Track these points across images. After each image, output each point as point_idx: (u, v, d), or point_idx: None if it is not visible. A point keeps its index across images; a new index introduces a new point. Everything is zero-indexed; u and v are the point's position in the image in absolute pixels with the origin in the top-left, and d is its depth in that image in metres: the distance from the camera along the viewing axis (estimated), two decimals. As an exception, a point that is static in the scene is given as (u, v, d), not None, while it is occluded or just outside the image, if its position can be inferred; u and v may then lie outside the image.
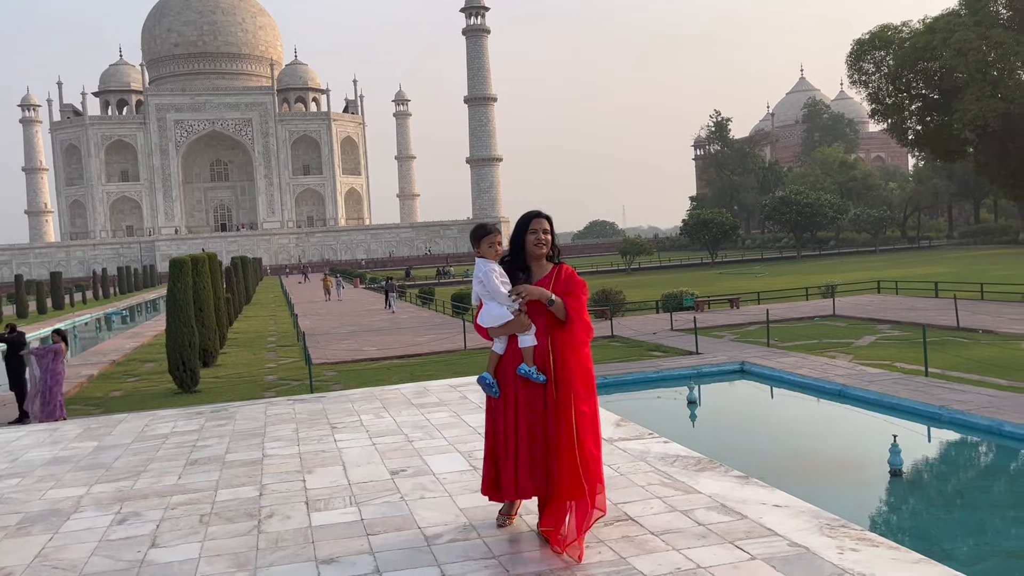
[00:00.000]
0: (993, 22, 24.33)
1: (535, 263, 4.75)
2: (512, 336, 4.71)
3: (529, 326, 4.64)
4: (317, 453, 7.44)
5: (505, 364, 4.74)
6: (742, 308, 27.83)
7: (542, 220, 4.74)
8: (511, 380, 4.68)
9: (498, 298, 4.62)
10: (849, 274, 42.63)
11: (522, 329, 4.66)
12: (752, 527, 4.86)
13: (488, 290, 4.67)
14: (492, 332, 4.75)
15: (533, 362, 4.64)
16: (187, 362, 15.96)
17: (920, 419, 11.41)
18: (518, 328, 4.66)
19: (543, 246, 4.70)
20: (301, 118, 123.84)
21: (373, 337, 25.14)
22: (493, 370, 4.77)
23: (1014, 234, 63.93)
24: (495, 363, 4.78)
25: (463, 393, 10.20)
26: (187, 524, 5.58)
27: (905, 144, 29.26)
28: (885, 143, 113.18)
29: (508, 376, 4.70)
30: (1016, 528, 7.87)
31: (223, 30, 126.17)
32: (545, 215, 4.76)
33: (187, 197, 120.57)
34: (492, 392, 4.75)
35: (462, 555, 4.70)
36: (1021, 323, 19.98)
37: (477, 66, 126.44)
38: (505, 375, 4.72)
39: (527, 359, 4.66)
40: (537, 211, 4.77)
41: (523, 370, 4.63)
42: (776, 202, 75.34)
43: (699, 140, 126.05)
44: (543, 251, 4.71)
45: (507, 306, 4.63)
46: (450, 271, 75.13)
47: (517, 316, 4.64)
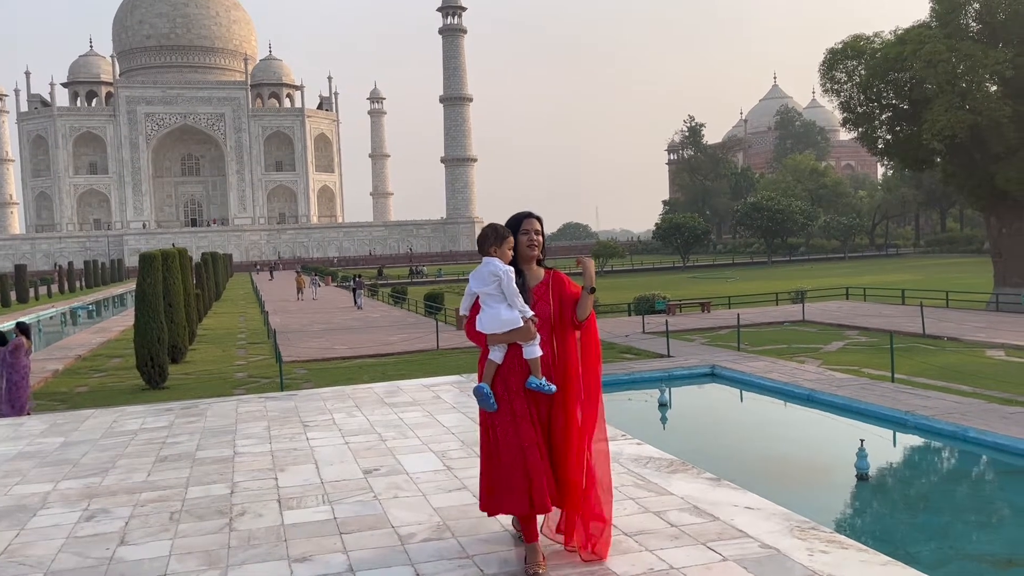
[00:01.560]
0: (963, 34, 24.74)
1: (527, 266, 4.49)
2: (512, 345, 4.37)
3: (536, 335, 4.33)
4: (289, 451, 7.38)
5: (505, 374, 4.38)
6: (713, 312, 28.06)
7: (533, 220, 4.52)
8: (512, 389, 4.34)
9: (514, 301, 4.28)
10: (819, 280, 43.18)
11: (528, 338, 4.33)
12: (724, 529, 4.91)
13: (505, 291, 4.28)
14: (492, 340, 4.38)
15: (541, 373, 4.34)
16: (156, 358, 15.76)
17: (887, 424, 11.58)
18: (524, 336, 4.32)
19: (535, 247, 4.47)
20: (274, 114, 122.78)
21: (344, 336, 25.00)
22: (491, 381, 4.40)
23: (979, 243, 65.18)
24: (493, 373, 4.41)
25: (436, 393, 10.18)
26: (157, 521, 5.51)
27: (875, 153, 29.57)
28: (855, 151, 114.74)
29: (509, 385, 4.35)
30: (979, 532, 8.02)
31: (196, 23, 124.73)
32: (536, 215, 4.54)
33: (157, 191, 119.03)
34: (489, 405, 4.36)
35: (436, 555, 4.69)
36: (985, 331, 20.36)
37: (453, 66, 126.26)
38: (506, 384, 4.36)
39: (535, 370, 4.34)
40: (528, 211, 4.55)
41: (533, 383, 4.32)
42: (748, 208, 76.11)
43: (673, 145, 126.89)
44: (535, 253, 4.48)
45: (522, 312, 4.29)
46: (423, 270, 74.93)
47: (527, 323, 4.30)
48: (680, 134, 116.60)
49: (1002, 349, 17.68)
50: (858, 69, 26.49)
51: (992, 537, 7.87)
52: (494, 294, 4.29)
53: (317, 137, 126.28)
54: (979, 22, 25.20)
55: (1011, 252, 26.28)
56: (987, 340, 18.79)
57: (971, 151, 25.44)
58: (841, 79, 26.89)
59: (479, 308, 4.42)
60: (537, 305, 4.40)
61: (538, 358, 4.32)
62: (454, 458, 6.88)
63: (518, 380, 4.35)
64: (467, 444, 7.36)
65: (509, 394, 4.34)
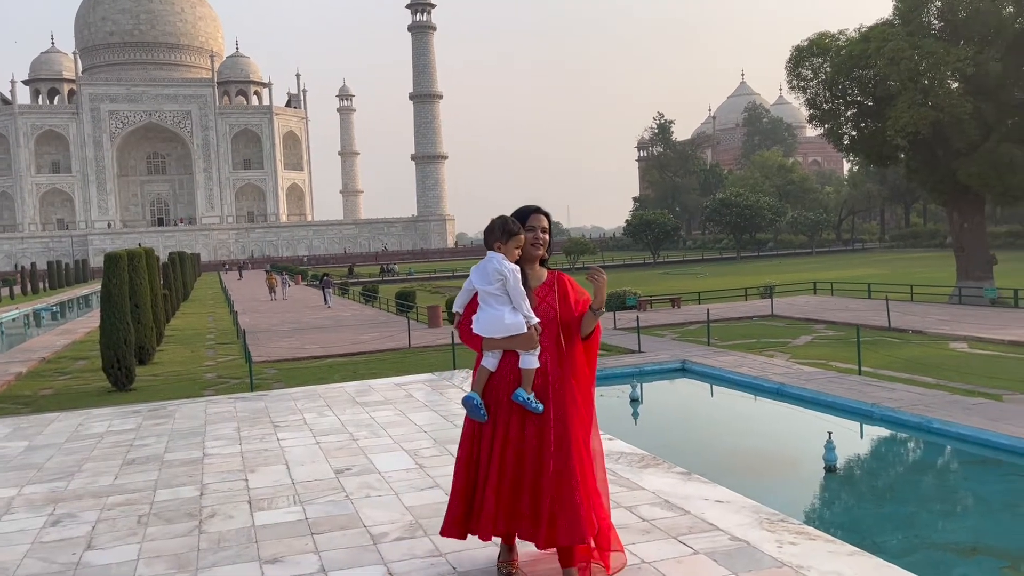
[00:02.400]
0: (925, 32, 25.14)
1: (530, 265, 4.10)
2: (508, 352, 4.02)
3: (537, 344, 3.96)
4: (260, 452, 7.33)
5: (497, 383, 4.03)
6: (683, 308, 28.27)
7: (540, 217, 4.11)
8: (504, 403, 3.99)
9: (519, 305, 3.92)
10: (787, 275, 43.68)
11: (530, 346, 3.95)
12: (695, 522, 4.96)
13: (511, 293, 3.92)
14: (489, 344, 4.01)
15: (531, 388, 3.96)
16: (122, 360, 15.54)
17: (854, 416, 11.76)
18: (525, 344, 3.95)
19: (541, 247, 4.09)
20: (242, 111, 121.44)
21: (315, 335, 24.83)
22: (482, 389, 4.05)
23: (942, 238, 66.35)
24: (484, 381, 4.06)
25: (408, 391, 10.16)
26: (124, 525, 5.45)
27: (841, 149, 29.95)
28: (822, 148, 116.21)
29: (501, 398, 4.00)
30: (943, 521, 8.18)
31: (161, 19, 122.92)
32: (544, 211, 4.14)
33: (122, 190, 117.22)
34: (479, 416, 4.02)
35: (408, 553, 4.69)
36: (949, 324, 20.73)
37: (423, 63, 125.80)
38: (497, 397, 4.02)
39: (526, 383, 3.96)
40: (536, 206, 4.14)
41: (520, 397, 3.94)
42: (717, 204, 76.73)
43: (642, 142, 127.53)
44: (540, 252, 4.10)
45: (527, 317, 3.93)
46: (394, 269, 74.64)
47: (530, 330, 3.94)
48: (650, 131, 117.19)
49: (965, 341, 18.02)
50: (824, 66, 26.81)
51: (956, 526, 8.03)
52: (497, 294, 3.92)
53: (286, 135, 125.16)
54: (941, 20, 25.62)
55: (972, 246, 26.78)
56: (950, 333, 19.14)
57: (934, 147, 25.87)
58: (807, 76, 27.19)
59: (475, 307, 4.05)
60: (539, 308, 4.03)
61: (533, 370, 3.96)
62: (426, 456, 6.87)
63: (511, 391, 3.99)
64: (439, 442, 7.36)
65: (499, 407, 4.00)
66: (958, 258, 27.40)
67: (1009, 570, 6.85)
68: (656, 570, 4.27)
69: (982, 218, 27.65)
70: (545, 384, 3.99)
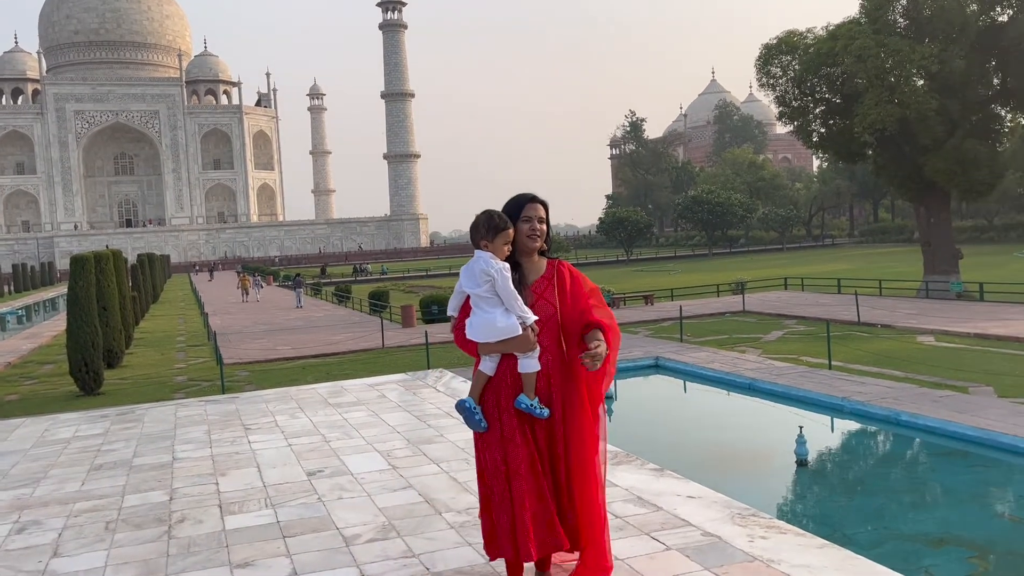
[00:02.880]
0: (891, 30, 25.48)
1: (526, 259, 3.83)
2: (506, 355, 3.76)
3: (535, 346, 3.70)
4: (230, 455, 7.26)
5: (497, 387, 3.77)
6: (656, 304, 28.43)
7: (537, 206, 3.81)
8: (508, 408, 3.74)
9: (512, 306, 3.65)
10: (758, 271, 44.08)
11: (527, 348, 3.70)
12: (667, 518, 4.99)
13: (501, 294, 3.65)
14: (485, 348, 3.75)
15: (534, 392, 3.72)
16: (90, 363, 15.30)
17: (824, 410, 11.88)
18: (522, 347, 3.69)
19: (538, 238, 3.79)
20: (211, 111, 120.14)
21: (287, 336, 24.64)
22: (479, 395, 3.79)
23: (909, 233, 67.36)
24: (482, 386, 3.79)
25: (381, 392, 10.12)
26: (92, 532, 5.37)
27: (810, 146, 30.28)
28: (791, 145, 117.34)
29: (503, 403, 3.75)
30: (912, 512, 8.29)
31: (127, 18, 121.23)
32: (540, 199, 3.85)
33: (89, 191, 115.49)
34: (478, 425, 3.76)
35: (381, 554, 4.67)
36: (916, 317, 21.04)
37: (394, 61, 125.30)
38: (498, 401, 3.77)
39: (527, 388, 3.72)
40: (531, 194, 3.85)
41: (523, 403, 3.70)
42: (688, 201, 77.26)
43: (615, 140, 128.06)
44: (537, 244, 3.80)
45: (521, 317, 3.67)
46: (367, 268, 74.29)
47: (526, 331, 3.67)
48: (622, 129, 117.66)
49: (932, 335, 18.29)
50: (792, 64, 27.09)
51: (925, 517, 8.14)
52: (488, 296, 3.66)
53: (256, 134, 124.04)
54: (906, 18, 25.98)
55: (939, 241, 27.20)
56: (918, 326, 19.41)
57: (900, 144, 26.23)
58: (776, 74, 27.45)
59: (469, 310, 3.80)
60: (536, 304, 3.77)
61: (534, 374, 3.71)
62: (399, 457, 6.85)
63: (511, 396, 3.75)
64: (412, 443, 7.33)
65: (499, 411, 3.74)
66: (925, 253, 27.81)
67: (976, 560, 6.96)
68: (629, 567, 4.28)
69: (948, 213, 28.09)
70: (548, 387, 3.76)
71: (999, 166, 26.07)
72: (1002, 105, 26.57)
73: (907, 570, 4.40)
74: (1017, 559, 6.98)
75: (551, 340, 3.77)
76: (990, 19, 25.31)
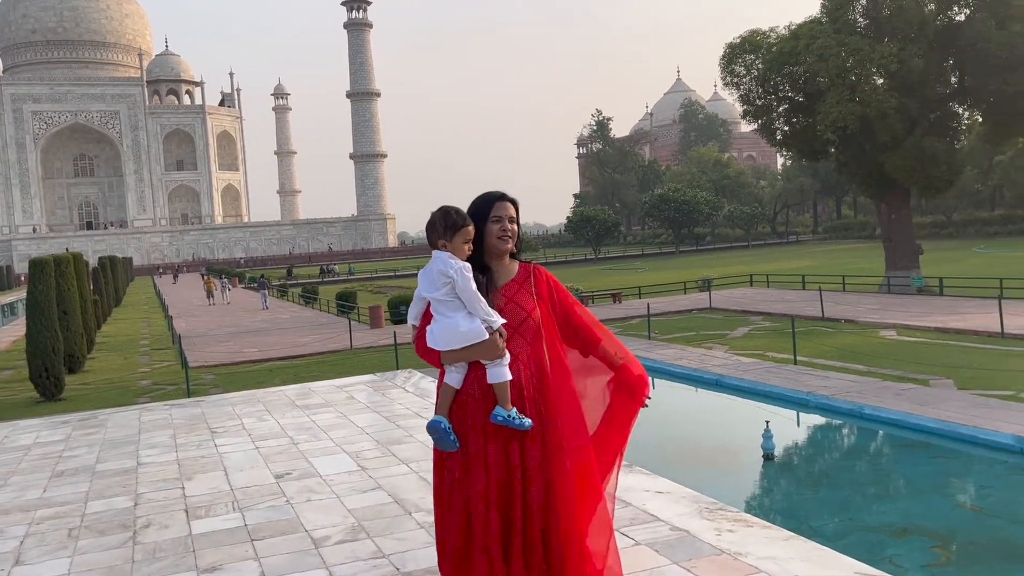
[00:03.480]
0: (851, 30, 25.88)
1: (497, 261, 3.52)
2: (473, 364, 3.39)
3: (503, 352, 3.34)
4: (196, 459, 7.17)
5: (465, 401, 3.40)
6: (625, 302, 28.59)
7: (507, 204, 3.52)
8: (477, 425, 3.36)
9: (475, 308, 3.30)
10: (724, 268, 44.53)
11: (494, 355, 3.32)
12: (636, 514, 5.02)
13: (462, 296, 3.30)
14: (448, 358, 3.38)
15: (510, 403, 3.34)
16: (50, 368, 15.01)
17: (790, 405, 12.04)
18: (488, 353, 3.32)
19: (509, 239, 3.49)
20: (173, 111, 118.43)
21: (254, 338, 24.39)
22: (447, 411, 3.41)
23: (871, 229, 68.46)
24: (450, 401, 3.42)
25: (350, 393, 10.06)
26: (55, 539, 5.27)
27: (774, 144, 30.67)
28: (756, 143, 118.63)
29: (470, 419, 3.37)
30: (876, 504, 8.43)
31: (85, 17, 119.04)
32: (510, 198, 3.56)
33: (48, 193, 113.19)
34: (449, 443, 3.37)
35: (351, 556, 4.64)
36: (879, 312, 21.39)
37: (359, 61, 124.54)
38: (464, 417, 3.38)
39: (501, 399, 3.33)
40: (500, 192, 3.56)
41: (500, 416, 3.30)
42: (655, 200, 77.81)
43: (582, 139, 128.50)
44: (509, 245, 3.50)
45: (486, 321, 3.31)
46: (334, 269, 73.76)
47: (492, 336, 3.31)
48: (588, 128, 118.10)
49: (894, 329, 18.62)
50: (756, 63, 27.40)
51: (888, 508, 8.29)
52: (448, 300, 3.31)
53: (220, 135, 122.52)
54: (866, 18, 26.41)
55: (900, 237, 27.68)
56: (880, 321, 19.74)
57: (861, 141, 26.66)
58: (740, 73, 27.75)
59: (431, 317, 3.44)
60: (506, 308, 3.42)
61: (505, 383, 3.33)
62: (368, 458, 6.81)
63: (479, 411, 3.36)
64: (381, 443, 7.30)
65: (464, 428, 3.37)
66: (886, 249, 28.29)
67: (938, 549, 7.10)
68: (599, 563, 4.30)
69: (908, 210, 28.60)
70: (521, 399, 3.38)
71: (957, 163, 26.62)
72: (960, 103, 27.12)
73: (871, 560, 4.48)
74: (978, 548, 7.13)
75: (522, 347, 3.43)
76: (947, 18, 25.82)
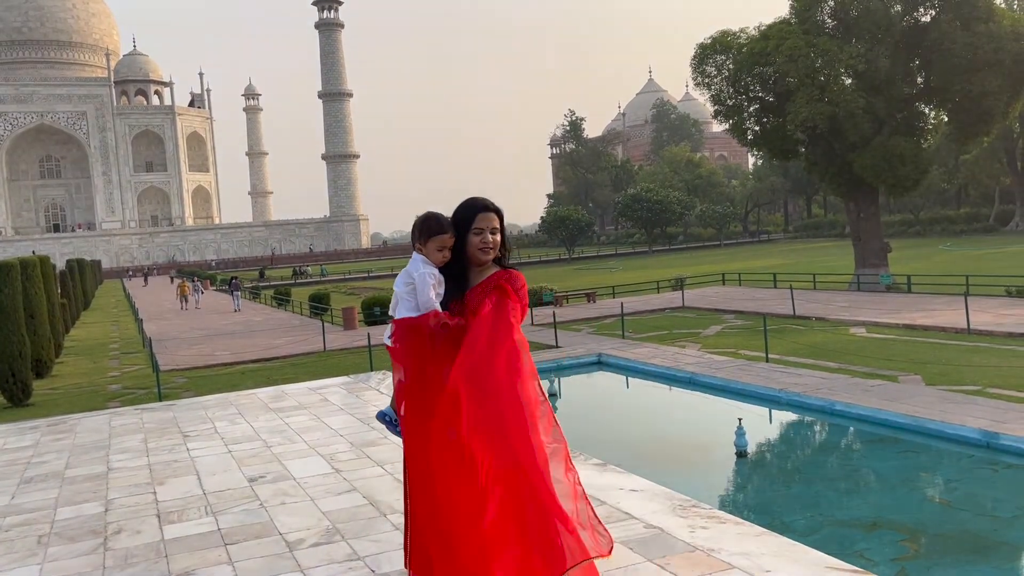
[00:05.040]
0: (820, 31, 26.20)
1: (475, 269, 3.58)
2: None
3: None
4: (168, 463, 7.10)
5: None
6: (599, 302, 28.70)
7: (490, 216, 3.50)
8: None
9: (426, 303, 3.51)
10: (696, 267, 44.86)
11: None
12: (611, 512, 5.05)
13: (419, 296, 3.50)
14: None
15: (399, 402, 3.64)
16: (17, 373, 14.78)
17: (762, 402, 12.16)
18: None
19: (490, 251, 3.51)
20: (142, 112, 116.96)
21: (226, 341, 24.16)
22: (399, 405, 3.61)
23: (841, 228, 69.32)
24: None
25: (324, 395, 10.01)
26: (23, 546, 5.20)
27: (745, 144, 30.95)
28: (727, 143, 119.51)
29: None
30: (847, 499, 8.55)
31: (51, 16, 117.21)
32: (494, 207, 3.53)
33: (13, 195, 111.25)
34: (396, 434, 3.71)
35: (326, 558, 4.63)
36: (848, 310, 21.67)
37: (331, 61, 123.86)
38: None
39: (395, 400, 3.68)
40: (484, 202, 3.54)
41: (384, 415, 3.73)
42: (628, 199, 78.19)
43: (555, 139, 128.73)
44: (489, 256, 3.52)
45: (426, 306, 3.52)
46: (307, 271, 73.27)
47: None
48: (561, 128, 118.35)
49: (863, 326, 18.87)
50: (726, 63, 27.64)
51: (859, 503, 8.40)
52: (407, 299, 3.53)
53: (190, 136, 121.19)
54: (834, 18, 26.75)
55: (868, 235, 28.07)
56: (850, 318, 20.00)
57: (831, 141, 26.99)
58: (711, 73, 27.98)
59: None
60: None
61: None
62: (343, 460, 6.79)
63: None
64: (356, 446, 7.28)
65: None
66: (856, 247, 28.67)
67: (907, 543, 7.22)
68: (574, 561, 4.32)
69: (877, 208, 29.00)
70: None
71: (924, 162, 27.03)
72: (926, 103, 27.56)
73: (842, 554, 4.54)
74: (946, 540, 7.25)
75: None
76: (914, 20, 26.22)
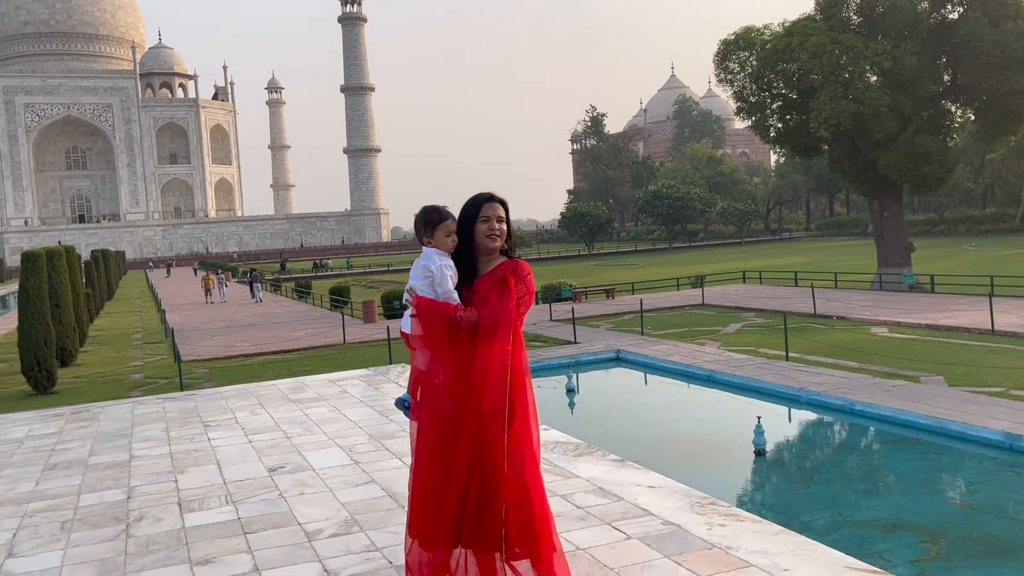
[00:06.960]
0: (845, 27, 25.91)
1: (484, 258, 3.74)
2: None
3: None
4: (189, 452, 7.17)
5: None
6: (617, 298, 28.63)
7: (495, 205, 3.71)
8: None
9: (441, 293, 3.64)
10: (717, 265, 44.62)
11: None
12: (628, 508, 5.05)
13: (438, 287, 3.63)
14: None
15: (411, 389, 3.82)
16: (43, 362, 14.98)
17: (782, 401, 12.09)
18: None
19: (497, 237, 3.69)
20: (167, 104, 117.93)
21: (247, 332, 24.35)
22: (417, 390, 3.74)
23: (864, 226, 68.68)
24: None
25: (343, 387, 10.07)
26: (47, 531, 5.28)
27: (767, 141, 30.72)
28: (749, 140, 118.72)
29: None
30: (866, 499, 8.48)
31: (78, 9, 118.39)
32: (499, 198, 3.76)
33: (40, 186, 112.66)
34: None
35: (344, 549, 4.66)
36: (870, 309, 21.48)
37: (354, 55, 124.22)
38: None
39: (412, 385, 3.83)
40: (489, 193, 3.77)
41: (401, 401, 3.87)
42: (649, 196, 77.88)
43: (576, 135, 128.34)
44: (497, 244, 3.70)
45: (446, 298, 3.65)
46: (328, 264, 73.63)
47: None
48: (583, 124, 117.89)
49: (885, 326, 18.69)
50: (750, 60, 27.42)
51: (878, 503, 8.34)
52: (427, 291, 3.64)
53: (213, 128, 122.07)
54: (860, 15, 26.45)
55: (892, 234, 27.78)
56: (872, 318, 19.82)
57: (855, 139, 26.72)
58: (734, 70, 27.77)
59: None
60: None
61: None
62: (361, 452, 6.83)
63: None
64: (375, 438, 7.32)
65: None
66: (878, 246, 28.38)
67: (927, 544, 7.16)
68: (591, 556, 4.33)
69: (900, 207, 28.69)
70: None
71: (949, 161, 26.69)
72: (952, 101, 27.19)
73: (861, 555, 4.51)
74: (967, 543, 7.19)
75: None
76: (941, 16, 25.87)
